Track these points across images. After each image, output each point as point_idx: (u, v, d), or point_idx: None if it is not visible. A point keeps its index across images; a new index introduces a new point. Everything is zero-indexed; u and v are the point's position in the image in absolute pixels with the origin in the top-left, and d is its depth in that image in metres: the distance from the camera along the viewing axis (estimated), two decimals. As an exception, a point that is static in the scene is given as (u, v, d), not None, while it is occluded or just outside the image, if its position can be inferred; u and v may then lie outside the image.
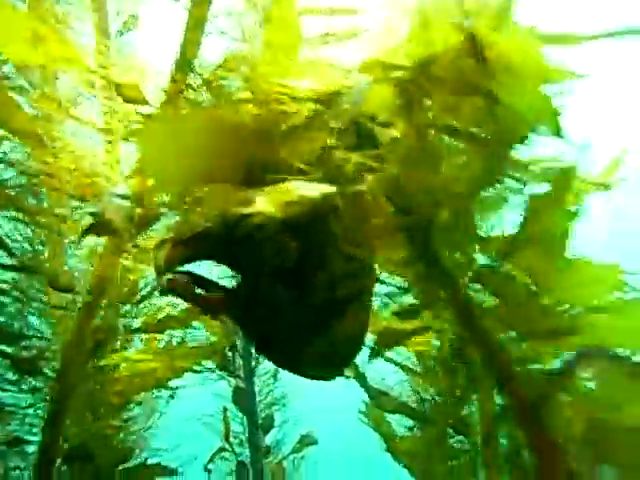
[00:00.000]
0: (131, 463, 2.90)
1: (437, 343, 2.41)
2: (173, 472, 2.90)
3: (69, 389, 2.23)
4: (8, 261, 2.19)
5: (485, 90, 1.44)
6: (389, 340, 1.89)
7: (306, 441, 4.52)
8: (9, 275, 2.30)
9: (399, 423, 2.65)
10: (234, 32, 1.87)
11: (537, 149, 1.72)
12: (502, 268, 1.81)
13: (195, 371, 2.76)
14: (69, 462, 2.62)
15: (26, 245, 2.24)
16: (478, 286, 1.85)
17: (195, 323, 2.73)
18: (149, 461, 2.92)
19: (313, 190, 1.34)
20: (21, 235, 2.23)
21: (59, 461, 2.46)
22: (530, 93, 1.43)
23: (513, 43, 1.40)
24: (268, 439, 4.41)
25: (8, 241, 2.18)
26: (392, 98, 1.45)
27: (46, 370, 2.33)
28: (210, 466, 4.20)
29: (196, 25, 1.77)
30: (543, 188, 1.65)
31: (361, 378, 2.46)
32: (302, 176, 1.41)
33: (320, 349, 1.50)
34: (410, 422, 2.64)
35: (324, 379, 1.64)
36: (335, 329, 1.47)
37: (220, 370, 3.97)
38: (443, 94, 1.46)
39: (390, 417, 2.70)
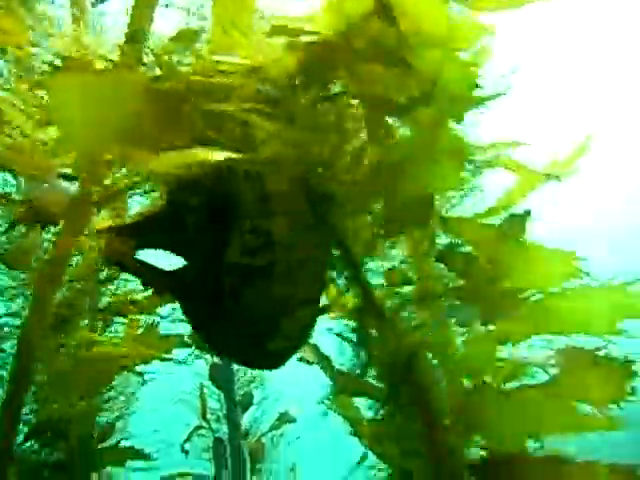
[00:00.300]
0: (106, 443, 2.87)
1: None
2: (146, 456, 2.86)
3: (28, 366, 2.20)
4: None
5: (398, 56, 1.39)
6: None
7: (285, 419, 4.53)
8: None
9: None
10: (188, 5, 1.81)
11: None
12: (463, 248, 1.79)
13: (166, 359, 2.70)
14: (35, 438, 2.61)
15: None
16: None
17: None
18: (123, 443, 2.90)
19: (215, 155, 1.30)
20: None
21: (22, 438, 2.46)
22: (441, 56, 1.39)
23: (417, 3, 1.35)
24: (246, 417, 4.42)
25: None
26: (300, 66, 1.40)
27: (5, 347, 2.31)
28: (187, 446, 4.21)
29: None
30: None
31: (324, 361, 2.43)
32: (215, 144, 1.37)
33: (237, 328, 1.47)
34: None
35: (265, 366, 1.61)
36: (244, 307, 1.44)
37: (197, 348, 3.94)
38: (357, 60, 1.41)
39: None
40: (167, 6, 1.78)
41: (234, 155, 1.28)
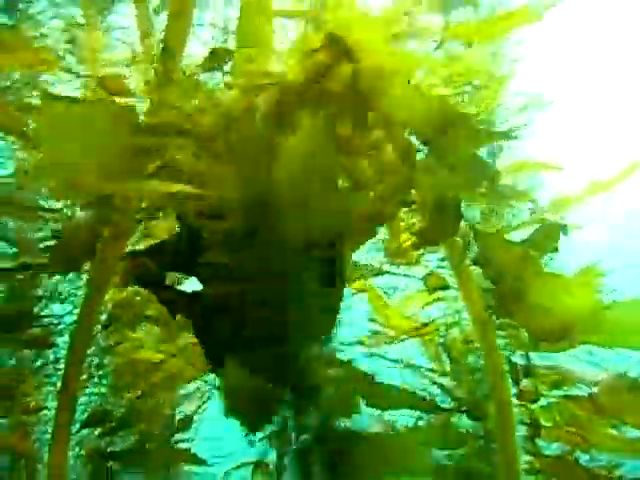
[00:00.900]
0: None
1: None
2: (202, 462, 2.84)
3: (79, 359, 2.31)
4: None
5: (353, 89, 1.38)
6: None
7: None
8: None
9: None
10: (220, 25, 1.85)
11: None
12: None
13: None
14: (94, 426, 2.73)
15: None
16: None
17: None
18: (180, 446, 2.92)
19: (167, 187, 1.33)
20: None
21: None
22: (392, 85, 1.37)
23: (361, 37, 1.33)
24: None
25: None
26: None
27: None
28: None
29: (179, 16, 1.75)
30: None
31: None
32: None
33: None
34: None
35: None
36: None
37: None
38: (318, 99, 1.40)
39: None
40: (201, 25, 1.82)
41: (189, 189, 1.31)
